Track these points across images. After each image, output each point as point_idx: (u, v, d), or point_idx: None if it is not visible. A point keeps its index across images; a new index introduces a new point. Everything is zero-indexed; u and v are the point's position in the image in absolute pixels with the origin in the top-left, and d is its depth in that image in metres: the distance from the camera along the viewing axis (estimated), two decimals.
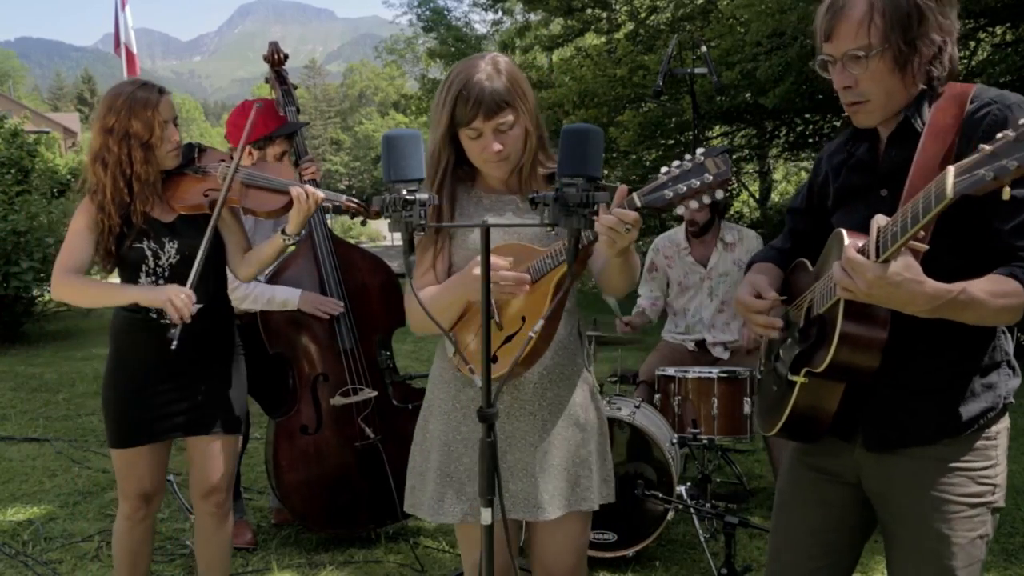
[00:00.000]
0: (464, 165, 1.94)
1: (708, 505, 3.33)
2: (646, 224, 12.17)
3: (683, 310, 4.09)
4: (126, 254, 2.45)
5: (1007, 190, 1.16)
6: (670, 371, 3.71)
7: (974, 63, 8.18)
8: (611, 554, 3.23)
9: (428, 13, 18.61)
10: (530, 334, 1.58)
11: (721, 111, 9.12)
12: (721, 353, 3.99)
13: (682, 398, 3.66)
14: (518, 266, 1.81)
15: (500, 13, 18.17)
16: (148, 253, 2.46)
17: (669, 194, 1.57)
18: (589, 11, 13.73)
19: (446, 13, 18.56)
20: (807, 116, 10.39)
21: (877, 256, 1.34)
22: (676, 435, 3.49)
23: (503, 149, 1.85)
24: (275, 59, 3.55)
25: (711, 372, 3.65)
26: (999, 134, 1.17)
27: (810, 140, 11.29)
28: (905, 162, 1.53)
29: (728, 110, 9.16)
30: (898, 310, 1.42)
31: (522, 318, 1.85)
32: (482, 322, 1.51)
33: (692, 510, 3.25)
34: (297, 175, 3.37)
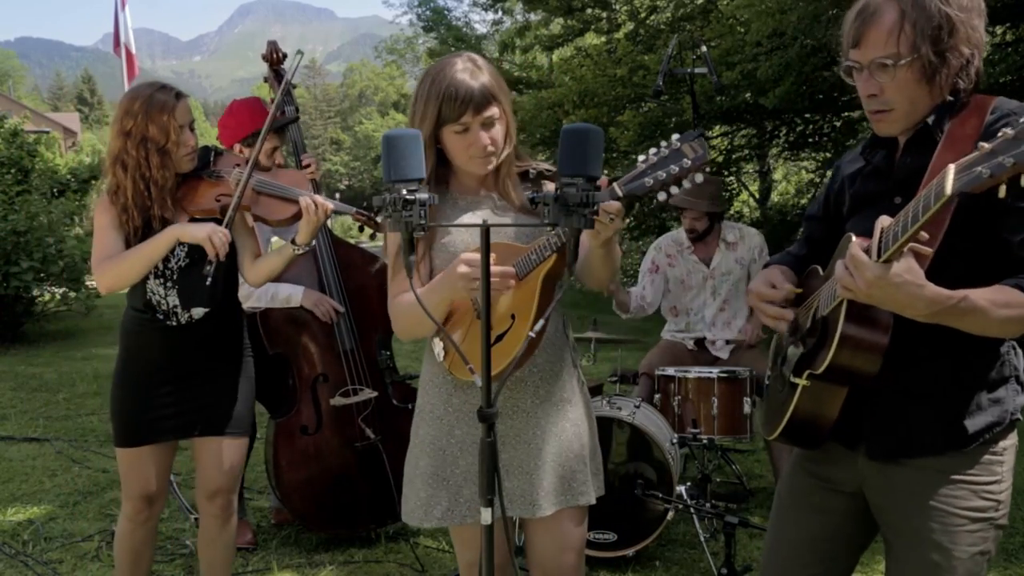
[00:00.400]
0: (439, 165, 1.93)
1: (708, 505, 3.33)
2: (646, 224, 12.19)
3: (685, 309, 4.09)
4: None
5: (1003, 188, 1.15)
6: (670, 371, 3.71)
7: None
8: (611, 554, 3.23)
9: (428, 13, 18.58)
10: (530, 334, 1.58)
11: (721, 111, 9.11)
12: (721, 351, 3.99)
13: (682, 398, 3.66)
14: (503, 264, 1.80)
15: (500, 13, 18.15)
16: None
17: (649, 181, 1.57)
18: (589, 11, 13.72)
19: (446, 13, 18.52)
20: (807, 116, 10.37)
21: (879, 256, 1.34)
22: (676, 435, 3.50)
23: (491, 143, 1.85)
24: (274, 58, 3.55)
25: (711, 372, 3.65)
26: (999, 132, 1.16)
27: (810, 140, 11.28)
28: (919, 170, 1.52)
29: (728, 110, 9.14)
30: (897, 312, 1.41)
31: (511, 316, 1.85)
32: (482, 322, 1.51)
33: (692, 510, 3.25)
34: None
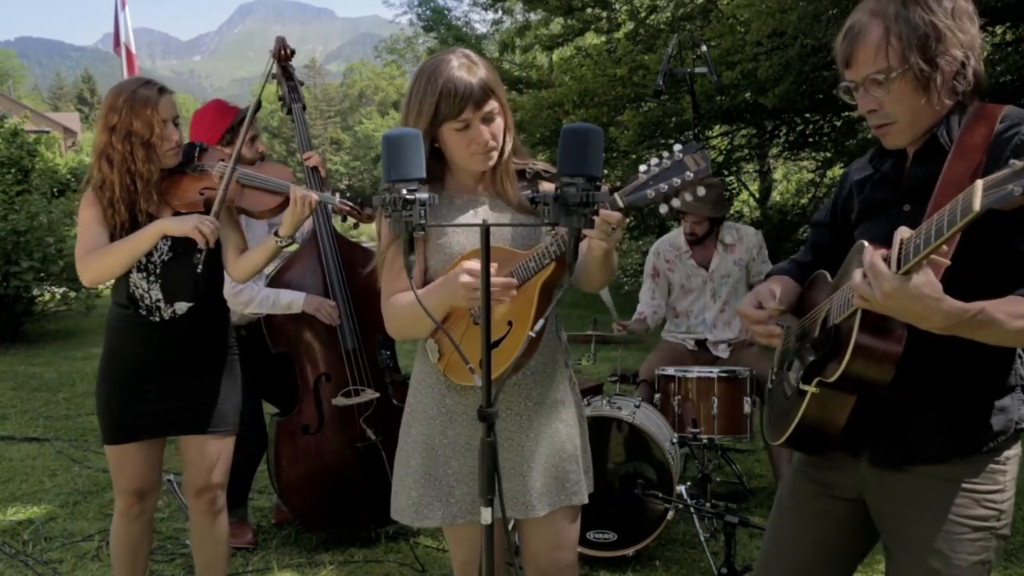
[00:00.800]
0: (434, 164, 1.91)
1: (708, 505, 3.33)
2: (646, 224, 12.19)
3: (686, 312, 4.09)
4: None
5: None
6: (670, 371, 3.71)
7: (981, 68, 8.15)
8: (611, 554, 3.23)
9: (428, 13, 18.57)
10: (530, 334, 1.58)
11: (721, 111, 9.11)
12: (721, 351, 3.99)
13: (682, 398, 3.66)
14: (500, 270, 1.80)
15: (500, 13, 18.15)
16: None
17: (651, 193, 1.57)
18: (589, 10, 13.71)
19: (446, 13, 18.52)
20: (807, 116, 10.37)
21: (898, 267, 1.33)
22: (676, 435, 3.50)
23: (493, 138, 1.84)
24: (282, 54, 3.55)
25: (711, 372, 3.65)
26: (1018, 132, 1.16)
27: (810, 140, 11.28)
28: (929, 178, 1.52)
29: (728, 110, 9.14)
30: (913, 324, 1.41)
31: (508, 323, 1.85)
32: (482, 322, 1.51)
33: (692, 510, 3.25)
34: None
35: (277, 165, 2.77)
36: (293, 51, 3.58)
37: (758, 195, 13.87)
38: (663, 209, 1.59)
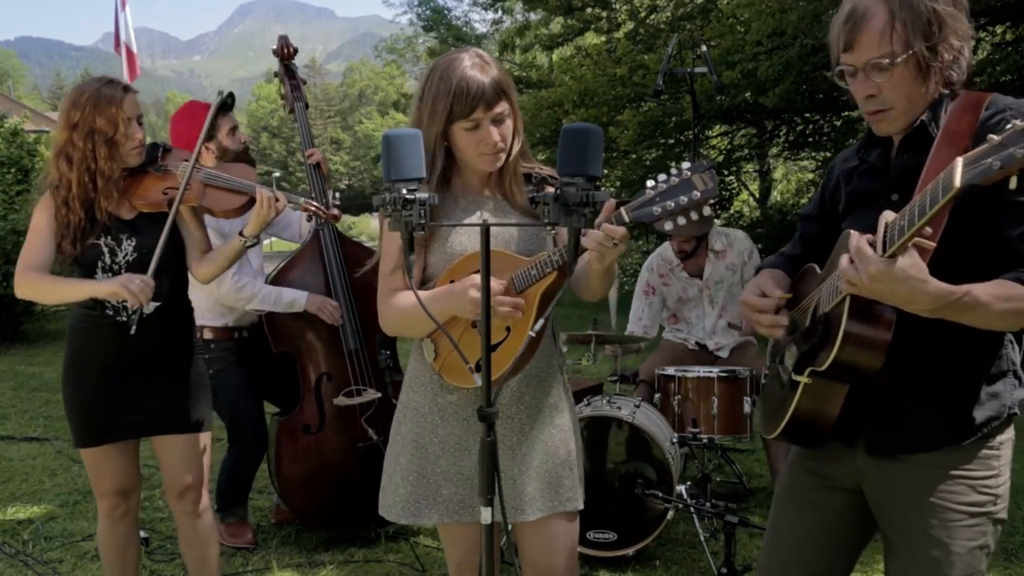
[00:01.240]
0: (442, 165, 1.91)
1: (708, 504, 3.33)
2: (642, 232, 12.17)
3: (686, 319, 4.10)
4: (83, 250, 2.44)
5: (1014, 180, 1.16)
6: (670, 371, 3.71)
7: (974, 63, 8.17)
8: (611, 553, 3.23)
9: (428, 12, 18.60)
10: (531, 333, 1.58)
11: (721, 110, 9.12)
12: (722, 351, 3.99)
13: (682, 397, 3.66)
14: (500, 275, 1.80)
15: (500, 12, 18.18)
16: (104, 249, 2.44)
17: (657, 210, 1.58)
18: (589, 10, 13.73)
19: (446, 12, 18.55)
20: (807, 116, 10.38)
21: (884, 251, 1.34)
22: (676, 434, 3.50)
23: (502, 139, 1.84)
24: (284, 53, 3.56)
25: (711, 372, 3.65)
26: (1008, 124, 1.17)
27: (810, 140, 11.29)
28: (916, 167, 1.53)
29: (728, 109, 9.15)
30: (900, 307, 1.42)
31: (507, 328, 1.85)
32: (482, 322, 1.51)
33: (692, 509, 3.25)
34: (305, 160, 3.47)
35: (241, 165, 2.75)
36: (296, 49, 3.59)
37: (758, 195, 13.88)
38: (667, 227, 1.58)
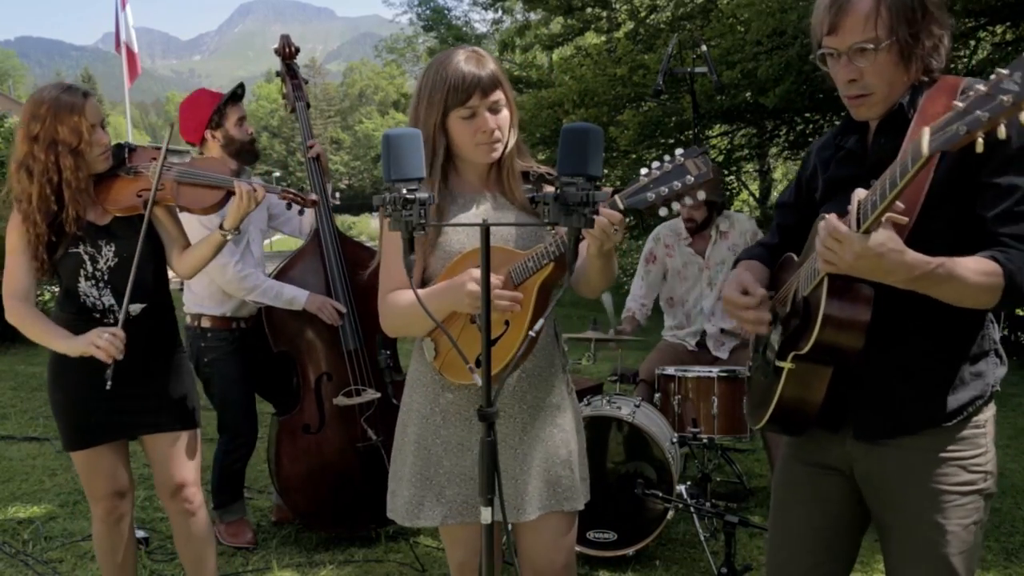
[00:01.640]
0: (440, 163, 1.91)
1: (708, 504, 3.33)
2: (646, 224, 12.18)
3: (681, 300, 4.09)
4: (61, 261, 2.42)
5: (980, 143, 1.18)
6: (670, 370, 3.71)
7: (974, 62, 8.17)
8: (611, 553, 3.23)
9: (428, 12, 18.59)
10: (531, 333, 1.58)
11: (721, 110, 9.11)
12: (721, 351, 4.00)
13: (682, 397, 3.66)
14: (498, 269, 1.80)
15: (500, 12, 18.17)
16: (85, 257, 2.43)
17: (651, 196, 1.60)
18: (589, 10, 13.71)
19: (446, 12, 18.55)
20: (807, 115, 10.37)
21: (858, 227, 1.36)
22: (676, 434, 3.50)
23: (498, 128, 1.85)
24: (286, 52, 3.56)
25: (711, 371, 3.65)
26: (971, 90, 1.19)
27: (810, 139, 11.26)
28: (893, 150, 1.55)
29: (728, 109, 9.14)
30: (879, 280, 1.44)
31: (505, 323, 1.85)
32: (483, 322, 1.51)
33: (692, 509, 3.25)
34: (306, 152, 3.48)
35: (214, 159, 2.73)
36: (298, 49, 3.60)
37: (758, 195, 13.88)
38: (663, 212, 1.61)
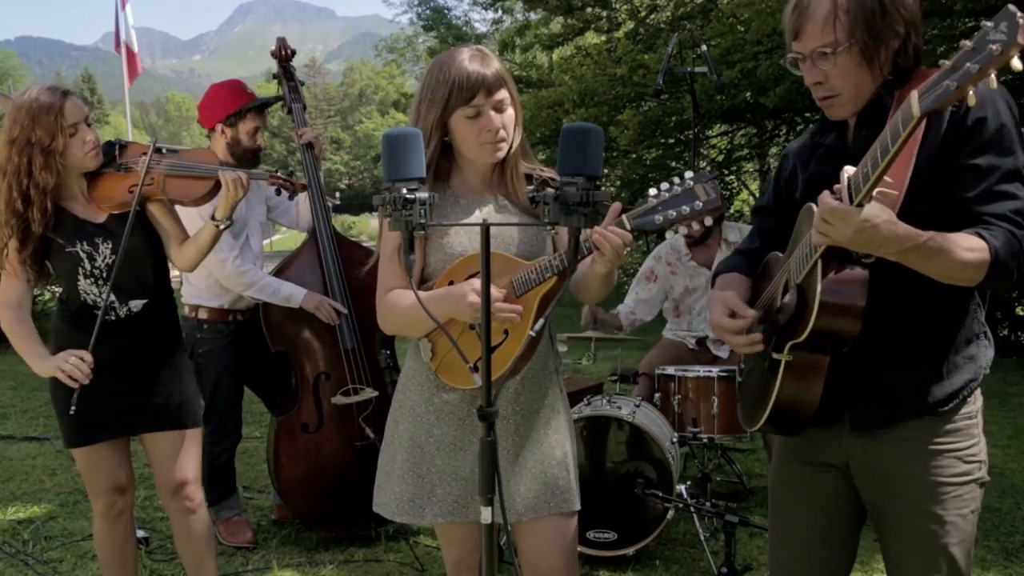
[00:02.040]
0: (442, 161, 1.91)
1: (708, 504, 3.33)
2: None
3: (688, 309, 4.10)
4: (58, 260, 2.42)
5: (972, 96, 1.21)
6: (670, 370, 3.70)
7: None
8: (611, 553, 3.23)
9: (428, 12, 18.61)
10: (530, 333, 1.58)
11: (721, 110, 9.11)
12: (722, 351, 4.00)
13: (682, 397, 3.66)
14: (500, 278, 1.80)
15: (500, 12, 18.16)
16: (83, 256, 2.43)
17: (659, 219, 1.62)
18: (589, 10, 13.70)
19: (446, 12, 18.56)
20: (807, 115, 10.36)
21: (851, 200, 1.38)
22: (676, 434, 3.50)
23: (503, 127, 1.84)
24: (282, 55, 3.56)
25: (711, 371, 3.65)
26: (960, 44, 1.21)
27: None
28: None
29: (728, 109, 9.14)
30: (872, 252, 1.46)
31: (505, 332, 1.84)
32: (483, 325, 1.50)
33: (692, 509, 3.25)
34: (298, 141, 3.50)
35: (202, 151, 2.73)
36: (294, 51, 3.60)
37: (758, 195, 13.87)
38: (669, 235, 1.61)
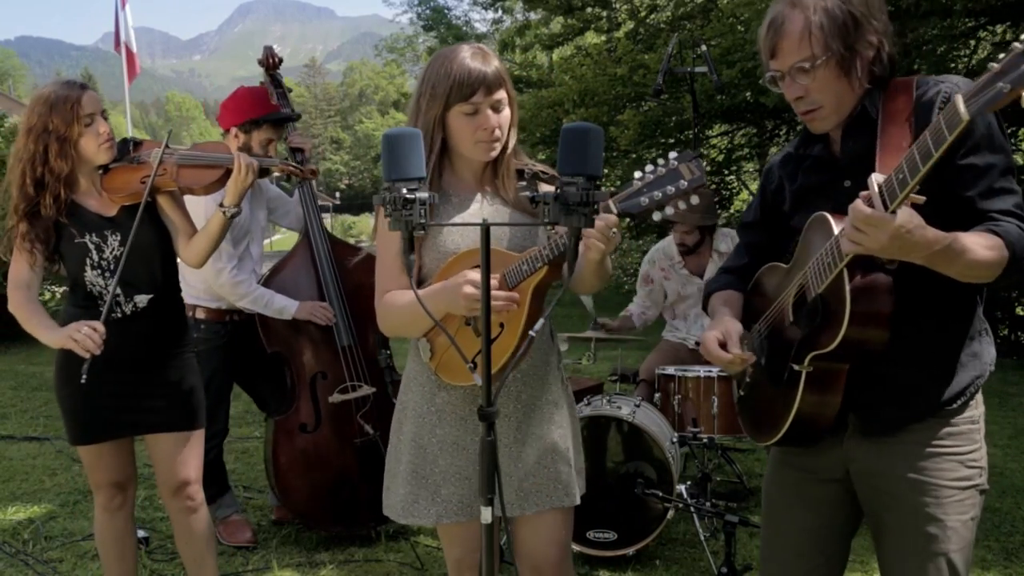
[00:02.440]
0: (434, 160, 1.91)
1: (708, 504, 3.33)
2: (646, 223, 12.18)
3: (684, 315, 4.11)
4: (67, 250, 2.43)
5: None
6: (670, 370, 3.70)
7: (974, 62, 8.17)
8: (611, 553, 3.23)
9: (428, 12, 18.62)
10: (531, 333, 1.57)
11: (721, 110, 9.12)
12: None
13: (682, 397, 3.66)
14: (492, 272, 1.79)
15: (500, 12, 18.17)
16: (91, 247, 2.43)
17: (644, 200, 1.61)
18: (589, 10, 13.71)
19: (446, 12, 18.56)
20: None
21: (885, 208, 1.37)
22: (676, 434, 3.50)
23: (499, 127, 1.85)
24: (270, 63, 3.56)
25: (711, 371, 3.65)
26: (1011, 47, 1.20)
27: None
28: (866, 150, 1.58)
29: (728, 109, 9.15)
30: (903, 258, 1.45)
31: (500, 325, 1.85)
32: (483, 323, 1.50)
33: (692, 509, 3.25)
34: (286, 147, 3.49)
35: (214, 142, 2.76)
36: (281, 59, 3.60)
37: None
38: (656, 217, 1.61)
